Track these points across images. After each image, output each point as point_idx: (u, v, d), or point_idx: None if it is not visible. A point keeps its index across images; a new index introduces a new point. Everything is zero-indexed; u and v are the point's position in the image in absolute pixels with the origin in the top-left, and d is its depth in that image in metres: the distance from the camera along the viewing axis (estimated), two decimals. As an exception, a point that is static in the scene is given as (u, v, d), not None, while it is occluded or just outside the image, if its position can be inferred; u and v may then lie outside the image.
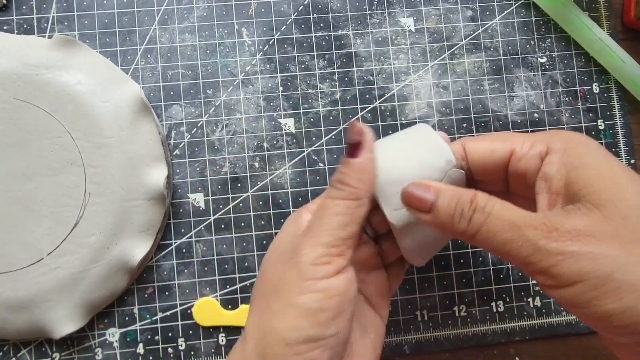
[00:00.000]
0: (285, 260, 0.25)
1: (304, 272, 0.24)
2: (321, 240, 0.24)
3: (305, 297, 0.23)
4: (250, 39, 0.40)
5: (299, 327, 0.23)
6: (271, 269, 0.26)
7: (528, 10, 0.42)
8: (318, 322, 0.23)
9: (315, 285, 0.23)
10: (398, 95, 0.41)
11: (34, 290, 0.35)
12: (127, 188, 0.36)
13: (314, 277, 0.23)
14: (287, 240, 0.27)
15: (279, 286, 0.24)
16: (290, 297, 0.24)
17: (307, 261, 0.24)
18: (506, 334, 0.39)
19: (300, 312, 0.23)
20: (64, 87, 0.36)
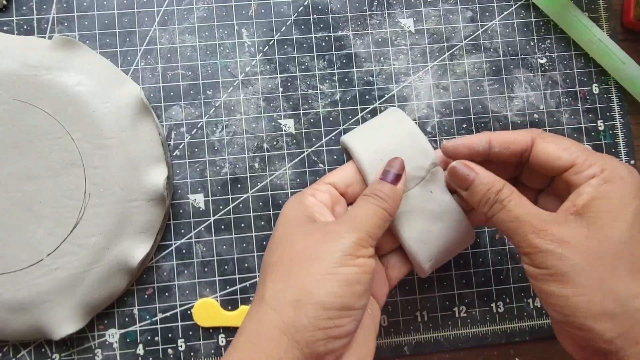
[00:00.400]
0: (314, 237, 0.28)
1: (347, 247, 0.27)
2: (364, 228, 0.28)
3: (347, 268, 0.26)
4: (250, 40, 0.40)
5: (338, 294, 0.26)
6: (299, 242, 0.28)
7: (528, 11, 0.42)
8: (354, 292, 0.26)
9: (355, 260, 0.27)
10: (398, 96, 0.41)
11: (34, 291, 0.35)
12: (127, 189, 0.36)
13: (355, 254, 0.27)
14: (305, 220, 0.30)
15: (315, 257, 0.27)
16: (330, 267, 0.26)
17: (351, 239, 0.27)
18: (506, 335, 0.39)
19: (340, 281, 0.26)
20: (64, 88, 0.36)
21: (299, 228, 0.29)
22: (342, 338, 0.26)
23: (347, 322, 0.26)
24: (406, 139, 0.32)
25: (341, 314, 0.26)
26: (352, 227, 0.28)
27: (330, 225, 0.29)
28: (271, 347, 0.25)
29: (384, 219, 0.29)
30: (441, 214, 0.32)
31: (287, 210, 0.31)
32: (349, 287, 0.26)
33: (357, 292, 0.27)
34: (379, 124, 0.34)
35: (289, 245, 0.28)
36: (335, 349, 0.26)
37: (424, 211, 0.32)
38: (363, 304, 0.27)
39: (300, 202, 0.31)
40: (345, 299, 0.26)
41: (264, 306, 0.27)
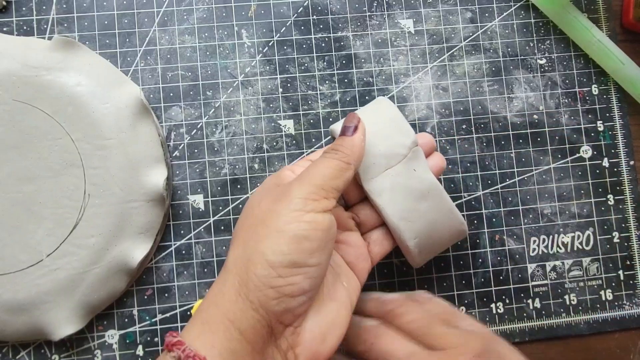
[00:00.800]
0: (273, 198, 0.28)
1: (295, 203, 0.27)
2: (313, 181, 0.28)
3: (294, 225, 0.26)
4: (250, 41, 0.41)
5: (284, 252, 0.26)
6: (256, 207, 0.29)
7: (527, 12, 0.42)
8: (303, 249, 0.26)
9: (303, 216, 0.26)
10: (398, 97, 0.41)
11: (33, 292, 0.35)
12: (127, 189, 0.36)
13: (303, 209, 0.27)
14: (270, 187, 0.30)
15: (266, 217, 0.27)
16: (278, 224, 0.26)
17: (298, 195, 0.27)
18: (506, 336, 0.39)
19: (287, 238, 0.26)
20: (63, 89, 0.36)
21: (262, 194, 0.30)
22: (297, 296, 0.26)
23: (299, 280, 0.26)
24: (388, 121, 0.34)
25: (291, 272, 0.26)
26: (301, 184, 0.28)
27: (282, 186, 0.29)
28: (228, 308, 0.26)
29: (340, 169, 0.29)
30: (424, 191, 0.33)
31: (262, 184, 0.32)
32: (297, 244, 0.26)
33: (307, 249, 0.26)
34: (365, 110, 0.35)
35: (250, 212, 0.29)
36: (292, 307, 0.26)
37: (407, 188, 0.33)
38: (316, 261, 0.27)
39: (277, 176, 0.31)
40: (294, 256, 0.26)
41: (225, 271, 0.28)
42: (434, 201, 0.33)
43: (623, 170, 0.41)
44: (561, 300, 0.40)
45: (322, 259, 0.27)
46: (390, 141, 0.33)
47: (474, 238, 0.40)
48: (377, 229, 0.34)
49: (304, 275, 0.26)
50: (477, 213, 0.40)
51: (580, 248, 0.41)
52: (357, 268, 0.33)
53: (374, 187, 0.33)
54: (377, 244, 0.34)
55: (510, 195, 0.41)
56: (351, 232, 0.34)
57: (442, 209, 0.33)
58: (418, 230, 0.33)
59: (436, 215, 0.33)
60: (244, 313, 0.26)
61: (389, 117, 0.34)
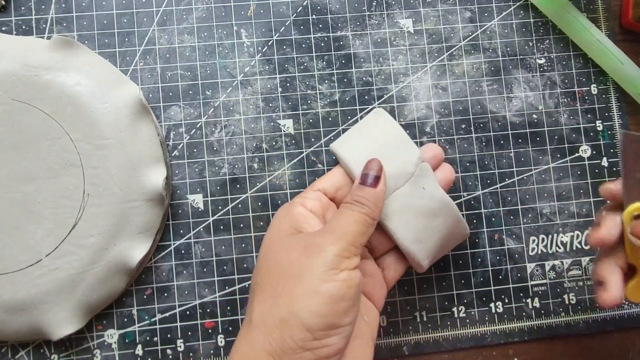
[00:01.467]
0: (302, 249, 0.27)
1: (330, 261, 0.26)
2: (346, 238, 0.27)
3: (330, 285, 0.25)
4: (249, 40, 0.40)
5: (322, 314, 0.25)
6: (282, 256, 0.28)
7: (526, 12, 0.42)
8: (339, 310, 0.25)
9: (338, 275, 0.26)
10: (397, 97, 0.41)
11: (32, 292, 0.35)
12: (126, 189, 0.36)
13: (338, 268, 0.26)
14: (290, 232, 0.29)
15: (298, 273, 0.26)
16: (313, 284, 0.25)
17: (333, 251, 0.26)
18: (505, 335, 0.39)
19: (324, 299, 0.25)
20: (63, 89, 0.36)
21: (283, 241, 0.29)
22: (332, 357, 0.26)
23: (335, 341, 0.26)
24: (391, 138, 0.33)
25: (328, 333, 0.25)
26: (333, 239, 0.27)
27: (312, 237, 0.28)
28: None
29: (367, 225, 0.29)
30: (436, 209, 0.32)
31: (274, 223, 0.30)
32: (334, 304, 0.25)
33: (343, 309, 0.26)
34: (364, 127, 0.34)
35: (273, 262, 0.28)
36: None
37: (418, 208, 0.32)
38: (350, 320, 0.26)
39: (288, 212, 0.30)
40: (330, 318, 0.25)
41: (252, 328, 0.26)
42: (445, 216, 0.32)
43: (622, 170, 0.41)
44: (560, 299, 0.40)
45: (354, 316, 0.27)
46: (395, 161, 0.32)
47: (473, 238, 0.40)
48: (390, 254, 0.34)
49: (340, 336, 0.26)
50: (476, 212, 0.40)
51: (580, 247, 0.41)
52: (375, 297, 0.32)
53: (384, 211, 0.31)
54: (392, 269, 0.33)
55: (510, 195, 0.41)
56: (366, 261, 0.33)
57: (453, 222, 0.33)
58: (430, 249, 0.32)
59: (447, 229, 0.33)
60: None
61: (391, 134, 0.33)
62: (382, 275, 0.33)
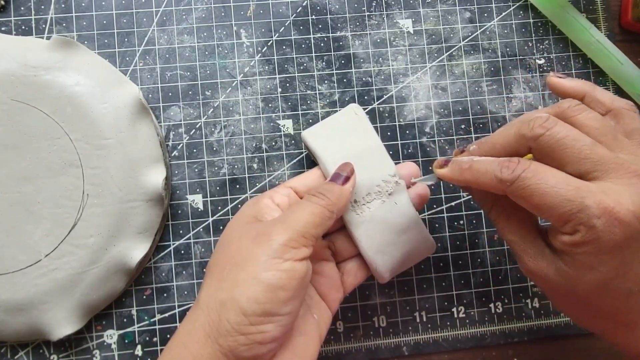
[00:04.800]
0: (252, 237, 0.28)
1: (274, 250, 0.26)
2: (295, 228, 0.27)
3: (270, 273, 0.26)
4: (248, 40, 0.40)
5: (259, 300, 0.26)
6: (234, 243, 0.28)
7: (526, 12, 0.42)
8: (277, 299, 0.26)
9: (281, 265, 0.26)
10: (396, 97, 0.41)
11: (32, 292, 0.35)
12: (126, 189, 0.36)
13: (282, 257, 0.26)
14: (249, 221, 0.29)
15: (244, 260, 0.27)
16: (255, 271, 0.26)
17: (278, 241, 0.27)
18: (505, 335, 0.39)
19: (263, 286, 0.26)
20: (62, 89, 0.36)
21: (240, 229, 0.29)
22: (267, 344, 0.26)
23: (271, 328, 0.26)
24: (370, 148, 0.33)
25: (263, 320, 0.26)
26: (282, 228, 0.27)
27: (264, 225, 0.28)
28: (197, 349, 0.26)
29: (323, 217, 0.28)
30: (404, 225, 0.33)
31: (239, 212, 0.31)
32: (272, 293, 0.26)
33: (281, 298, 0.26)
34: (343, 126, 0.34)
35: (227, 247, 0.28)
36: (261, 354, 0.26)
37: (386, 222, 0.32)
38: (289, 310, 0.27)
39: (255, 203, 0.31)
40: (268, 305, 0.26)
41: (196, 308, 0.27)
42: (412, 233, 0.33)
43: (621, 170, 0.41)
44: (560, 299, 0.40)
45: (294, 307, 0.27)
46: (371, 172, 0.33)
47: (473, 238, 0.40)
48: (353, 260, 0.34)
49: (276, 324, 0.26)
50: (476, 213, 0.40)
51: (579, 248, 0.41)
52: (329, 298, 0.32)
53: (353, 219, 0.32)
54: (352, 275, 0.34)
55: (509, 195, 0.41)
56: (326, 262, 0.33)
57: (419, 239, 0.33)
58: (393, 262, 0.33)
59: (413, 245, 0.33)
60: (211, 356, 0.26)
61: (371, 145, 0.34)
62: (340, 279, 0.33)
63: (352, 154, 0.33)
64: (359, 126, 0.34)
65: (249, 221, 0.29)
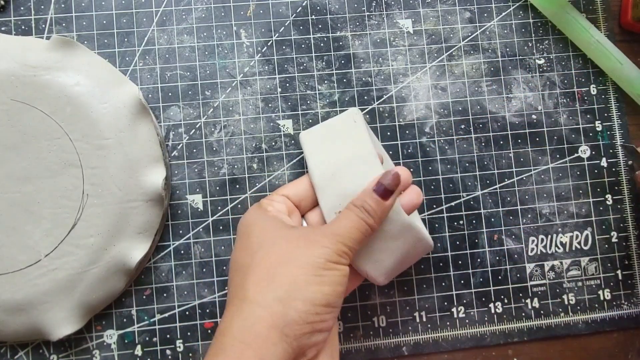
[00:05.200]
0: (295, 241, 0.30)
1: (330, 255, 0.29)
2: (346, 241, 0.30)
3: (331, 272, 0.29)
4: (248, 40, 0.40)
5: (325, 292, 0.28)
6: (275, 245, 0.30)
7: (526, 12, 0.42)
8: (337, 292, 0.29)
9: (337, 267, 0.29)
10: (396, 97, 0.41)
11: (31, 292, 0.35)
12: (125, 189, 0.36)
13: (338, 262, 0.29)
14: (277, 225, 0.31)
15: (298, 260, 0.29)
16: (314, 269, 0.29)
17: (333, 249, 0.29)
18: (504, 335, 0.39)
19: (326, 281, 0.29)
20: (62, 89, 0.36)
21: (279, 232, 0.31)
22: (324, 332, 0.29)
23: (329, 318, 0.29)
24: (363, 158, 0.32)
25: (326, 310, 0.28)
26: (334, 240, 0.30)
27: (312, 233, 0.30)
28: (259, 343, 0.26)
29: (366, 234, 0.31)
30: (395, 232, 0.32)
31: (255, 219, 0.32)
32: (334, 287, 0.29)
33: (339, 292, 0.29)
34: (339, 132, 0.34)
35: (270, 249, 0.30)
36: (318, 342, 0.29)
37: (378, 232, 0.32)
38: (340, 302, 0.30)
39: (265, 211, 0.32)
40: (330, 297, 0.28)
41: (248, 305, 0.28)
42: (404, 238, 0.32)
43: (621, 170, 0.42)
44: (559, 300, 0.40)
45: (341, 301, 0.30)
46: (359, 181, 0.32)
47: (472, 238, 0.40)
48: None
49: (333, 314, 0.29)
50: (475, 213, 0.40)
51: (579, 248, 0.41)
52: None
53: None
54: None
55: (509, 195, 0.41)
56: None
57: (413, 242, 0.32)
58: (386, 266, 0.32)
59: (406, 248, 0.32)
60: (277, 347, 0.27)
61: (363, 154, 0.32)
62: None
63: (341, 163, 0.32)
64: (354, 133, 0.33)
65: (282, 226, 0.31)
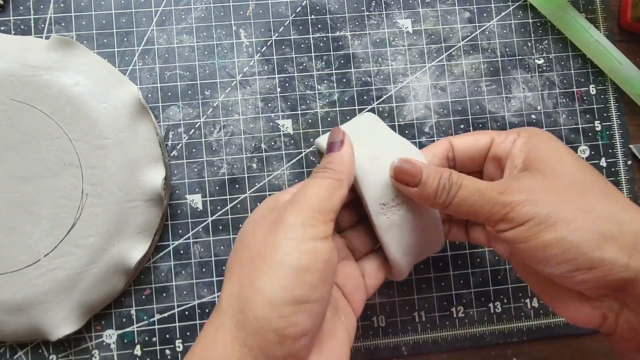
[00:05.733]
0: (268, 227, 0.26)
1: (293, 231, 0.25)
2: (309, 205, 0.26)
3: (293, 255, 0.24)
4: (248, 40, 0.40)
5: (285, 287, 0.23)
6: (252, 237, 0.27)
7: (525, 12, 0.42)
8: (304, 282, 0.24)
9: (302, 245, 0.24)
10: (396, 97, 0.41)
11: (31, 292, 0.35)
12: (125, 189, 0.36)
13: (303, 237, 0.24)
14: (265, 214, 0.28)
15: (263, 249, 0.25)
16: (276, 256, 0.24)
17: (295, 222, 0.25)
18: (504, 335, 0.40)
19: (287, 270, 0.24)
20: (61, 89, 0.36)
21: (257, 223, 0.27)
22: (300, 338, 0.24)
23: (301, 319, 0.24)
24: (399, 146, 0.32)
25: (293, 310, 0.23)
26: (295, 210, 0.25)
27: (275, 212, 0.27)
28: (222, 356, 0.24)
29: (332, 187, 0.27)
30: (429, 226, 0.32)
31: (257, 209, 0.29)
32: (297, 276, 0.24)
33: (308, 282, 0.24)
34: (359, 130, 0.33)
35: (244, 242, 0.27)
36: (295, 351, 0.24)
37: (414, 223, 0.31)
38: (319, 295, 0.24)
39: (275, 199, 0.29)
40: (296, 291, 0.23)
41: (219, 312, 0.25)
42: (432, 232, 0.32)
43: (621, 170, 0.42)
44: (559, 299, 0.40)
45: (324, 293, 0.25)
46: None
47: (472, 238, 0.40)
48: (370, 259, 0.33)
49: (307, 314, 0.24)
50: (475, 213, 0.40)
51: (578, 248, 0.41)
52: (354, 301, 0.31)
53: (384, 222, 0.30)
54: (372, 277, 0.32)
55: (508, 195, 0.41)
56: (347, 262, 0.32)
57: (436, 236, 0.33)
58: (412, 261, 0.32)
59: (430, 242, 0.33)
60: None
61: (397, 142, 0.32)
62: (362, 279, 0.32)
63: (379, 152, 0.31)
64: (377, 128, 0.33)
65: (266, 214, 0.28)
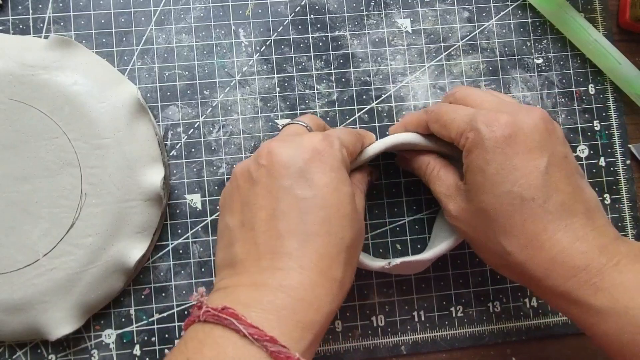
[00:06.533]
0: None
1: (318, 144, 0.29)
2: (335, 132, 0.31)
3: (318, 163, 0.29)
4: (247, 40, 0.40)
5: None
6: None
7: (524, 12, 0.42)
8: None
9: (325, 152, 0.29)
10: (395, 96, 0.41)
11: (30, 292, 0.34)
12: (124, 189, 0.36)
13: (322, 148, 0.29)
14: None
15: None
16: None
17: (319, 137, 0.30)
18: (503, 335, 0.40)
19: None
20: (60, 88, 0.36)
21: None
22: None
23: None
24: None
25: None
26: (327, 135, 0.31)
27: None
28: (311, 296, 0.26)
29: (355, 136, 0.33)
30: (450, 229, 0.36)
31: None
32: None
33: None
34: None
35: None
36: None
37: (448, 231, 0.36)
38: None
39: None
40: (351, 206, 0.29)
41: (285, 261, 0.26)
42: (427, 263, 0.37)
43: (619, 170, 0.42)
44: (558, 299, 0.40)
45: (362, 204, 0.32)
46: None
47: (471, 237, 0.40)
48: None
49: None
50: (474, 212, 0.40)
51: (577, 247, 0.41)
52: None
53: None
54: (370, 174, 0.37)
55: (507, 195, 0.41)
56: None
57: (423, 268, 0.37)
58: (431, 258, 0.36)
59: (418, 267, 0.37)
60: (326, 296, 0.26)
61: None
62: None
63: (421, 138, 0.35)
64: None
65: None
